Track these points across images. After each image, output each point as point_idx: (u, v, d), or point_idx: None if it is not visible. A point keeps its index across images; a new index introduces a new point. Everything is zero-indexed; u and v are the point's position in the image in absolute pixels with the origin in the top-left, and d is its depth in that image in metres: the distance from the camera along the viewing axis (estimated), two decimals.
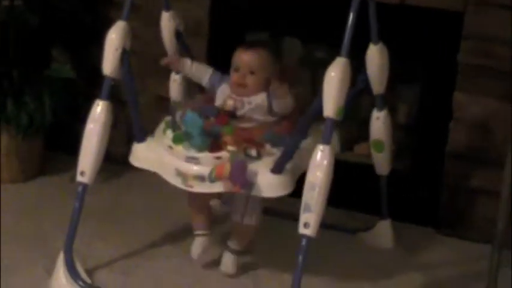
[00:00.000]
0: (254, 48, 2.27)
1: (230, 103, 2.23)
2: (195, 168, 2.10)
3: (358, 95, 2.31)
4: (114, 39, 2.17)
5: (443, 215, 2.72)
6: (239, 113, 2.22)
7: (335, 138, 2.18)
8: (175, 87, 2.50)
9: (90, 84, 2.89)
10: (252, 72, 2.24)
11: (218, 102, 2.27)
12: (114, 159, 2.53)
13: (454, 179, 2.68)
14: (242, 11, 2.84)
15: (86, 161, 2.21)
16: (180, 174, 2.12)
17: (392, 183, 2.52)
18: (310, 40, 2.91)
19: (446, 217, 2.72)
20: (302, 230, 1.97)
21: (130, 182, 2.91)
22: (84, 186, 2.22)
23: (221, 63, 2.81)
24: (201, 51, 2.79)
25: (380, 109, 2.37)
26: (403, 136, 2.81)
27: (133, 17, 2.25)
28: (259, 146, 2.12)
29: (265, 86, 2.23)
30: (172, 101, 2.49)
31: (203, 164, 2.09)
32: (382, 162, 2.44)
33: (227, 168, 2.03)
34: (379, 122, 2.38)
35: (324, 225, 2.00)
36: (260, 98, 2.22)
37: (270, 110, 2.22)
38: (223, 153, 2.08)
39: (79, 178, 2.22)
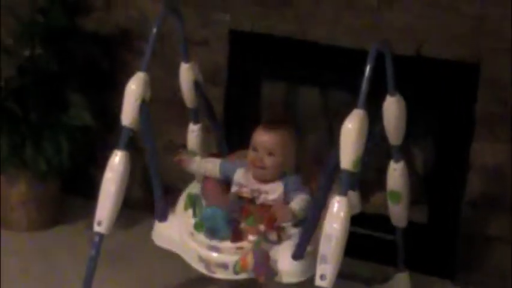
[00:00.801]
0: (274, 128, 2.23)
1: (246, 191, 2.21)
2: (217, 257, 2.09)
3: (375, 147, 2.31)
4: (134, 90, 2.17)
5: (459, 264, 2.71)
6: (257, 202, 2.19)
7: (356, 196, 2.17)
8: (192, 138, 2.50)
9: (107, 129, 2.92)
10: (270, 154, 2.21)
11: (234, 189, 2.25)
12: (131, 205, 2.53)
13: (471, 228, 2.67)
14: (260, 59, 2.86)
15: (103, 210, 2.20)
16: (203, 260, 2.11)
17: (408, 233, 2.51)
18: (327, 87, 2.92)
19: (462, 267, 2.70)
20: (318, 283, 1.95)
21: (146, 227, 2.89)
22: (101, 236, 2.22)
23: (238, 111, 2.86)
24: (218, 99, 2.81)
25: (397, 160, 2.37)
26: (420, 186, 2.80)
27: (152, 63, 2.25)
28: (279, 230, 2.10)
29: (283, 168, 2.22)
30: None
31: (225, 252, 2.08)
32: (398, 214, 2.43)
33: (250, 260, 2.03)
34: (396, 174, 2.37)
35: (341, 276, 1.98)
36: (277, 190, 2.20)
37: (286, 201, 2.18)
38: (245, 243, 2.07)
39: (96, 228, 2.22)
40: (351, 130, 1.93)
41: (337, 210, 1.94)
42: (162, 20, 2.25)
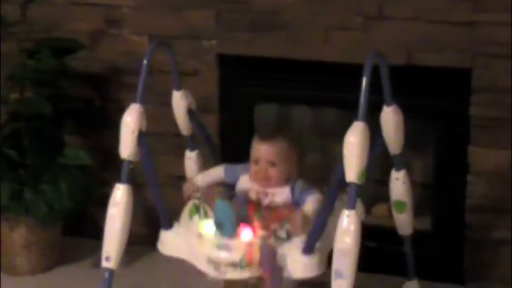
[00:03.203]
0: (272, 138, 2.23)
1: (253, 196, 2.21)
2: (227, 256, 2.08)
3: (376, 158, 2.30)
4: (130, 122, 2.17)
5: (468, 269, 2.71)
6: (264, 203, 2.20)
7: (359, 205, 2.17)
8: (190, 164, 2.50)
9: (105, 167, 2.91)
10: (273, 164, 2.21)
11: (239, 193, 2.25)
12: (133, 241, 2.51)
13: (477, 232, 2.68)
14: (250, 83, 2.86)
15: (111, 245, 2.19)
16: (212, 261, 2.10)
17: (413, 242, 2.50)
18: (319, 106, 2.92)
19: (471, 272, 2.71)
20: None
21: (150, 263, 2.89)
22: (111, 271, 2.20)
23: (232, 138, 2.85)
24: (212, 127, 2.81)
25: (398, 169, 2.37)
26: (421, 194, 2.80)
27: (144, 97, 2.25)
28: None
29: (288, 176, 2.22)
30: (188, 179, 2.48)
31: (235, 250, 2.07)
32: (404, 222, 2.43)
33: (256, 254, 2.04)
34: (398, 183, 2.38)
35: None
36: (284, 194, 2.20)
37: (294, 202, 2.19)
38: (254, 240, 2.07)
39: (104, 264, 2.20)
40: (354, 143, 1.94)
41: (348, 224, 1.95)
42: (152, 51, 2.25)
